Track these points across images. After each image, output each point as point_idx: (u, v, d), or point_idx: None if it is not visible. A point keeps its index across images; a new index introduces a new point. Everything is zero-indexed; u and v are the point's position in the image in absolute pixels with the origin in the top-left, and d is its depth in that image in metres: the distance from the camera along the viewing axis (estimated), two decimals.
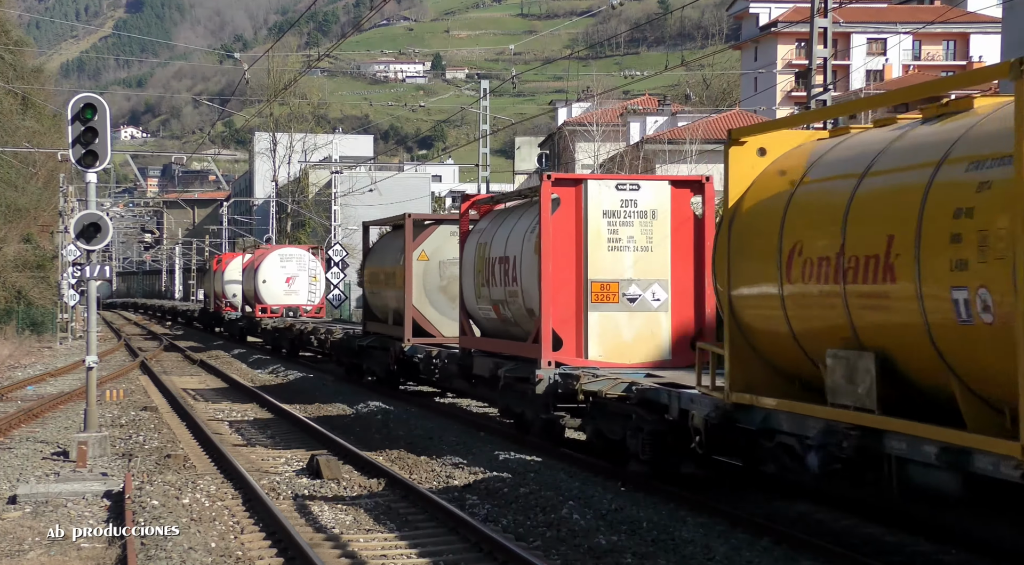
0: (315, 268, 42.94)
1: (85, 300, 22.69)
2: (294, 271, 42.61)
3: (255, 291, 42.76)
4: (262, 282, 42.26)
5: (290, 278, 42.52)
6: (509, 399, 17.84)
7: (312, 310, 42.44)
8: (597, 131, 53.43)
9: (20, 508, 13.15)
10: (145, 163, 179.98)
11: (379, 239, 29.90)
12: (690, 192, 16.39)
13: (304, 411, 22.53)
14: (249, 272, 44.87)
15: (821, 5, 22.74)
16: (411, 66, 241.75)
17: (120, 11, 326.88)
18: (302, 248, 45.26)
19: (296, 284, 42.57)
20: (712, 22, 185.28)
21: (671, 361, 15.78)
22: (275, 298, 42.23)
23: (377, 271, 27.27)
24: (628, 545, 10.69)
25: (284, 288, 42.38)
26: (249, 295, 44.74)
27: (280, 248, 45.26)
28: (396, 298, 24.65)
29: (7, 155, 51.30)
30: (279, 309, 41.87)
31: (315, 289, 42.79)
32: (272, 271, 42.50)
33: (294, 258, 43.08)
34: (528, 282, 16.39)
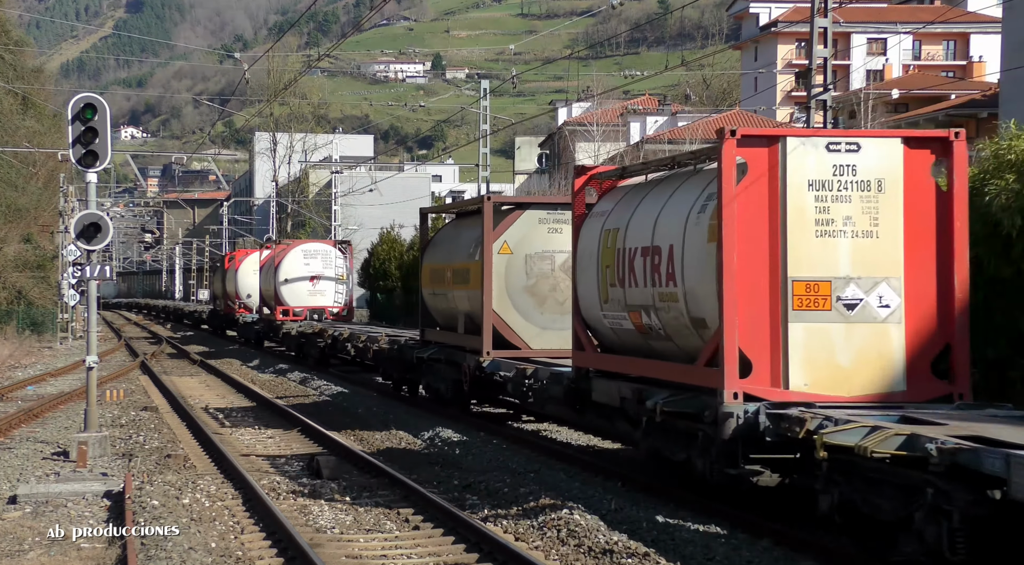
0: (342, 265, 38.65)
1: (85, 300, 22.69)
2: (319, 269, 38.30)
3: (275, 291, 38.68)
4: (283, 281, 38.16)
5: (315, 277, 38.28)
6: (662, 441, 13.21)
7: (339, 312, 38.40)
8: (597, 131, 53.43)
9: (20, 508, 13.15)
10: (145, 163, 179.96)
11: (442, 229, 25.12)
12: (930, 154, 12.05)
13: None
14: (268, 270, 40.77)
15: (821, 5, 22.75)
16: (411, 66, 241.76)
17: (120, 11, 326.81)
18: (327, 243, 40.25)
19: (321, 283, 38.39)
20: (712, 22, 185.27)
21: (905, 393, 11.55)
22: (298, 299, 38.26)
23: (442, 268, 22.12)
24: (628, 545, 10.69)
25: (308, 288, 38.25)
26: (268, 296, 40.61)
27: (303, 243, 40.17)
28: (469, 300, 20.36)
29: (7, 155, 51.29)
30: (302, 311, 37.80)
31: (342, 289, 38.59)
32: (295, 269, 38.32)
33: (319, 254, 38.59)
34: (695, 281, 12.26)
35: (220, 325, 55.53)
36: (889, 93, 65.25)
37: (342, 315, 38.21)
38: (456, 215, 24.13)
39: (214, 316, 57.32)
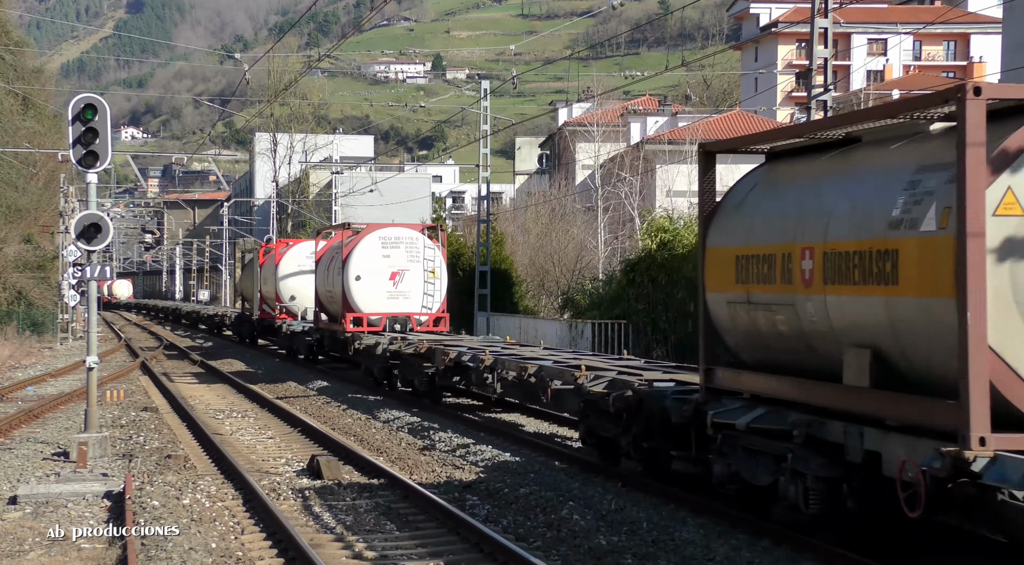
0: (433, 257, 28.74)
1: (86, 301, 22.70)
2: (402, 262, 28.48)
3: (344, 293, 28.59)
4: (355, 279, 28.24)
5: (397, 273, 28.41)
6: None
7: (428, 322, 28.55)
8: (597, 131, 53.39)
9: (20, 508, 13.15)
10: (146, 163, 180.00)
11: (744, 181, 12.57)
12: None
13: None
14: (330, 265, 30.94)
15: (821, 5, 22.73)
16: (411, 66, 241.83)
17: (120, 11, 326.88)
18: (412, 227, 29.68)
19: (406, 282, 28.52)
20: (712, 22, 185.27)
21: None
22: (374, 303, 28.30)
23: (776, 252, 10.80)
24: (628, 545, 10.69)
25: (388, 289, 28.38)
26: (330, 298, 30.89)
27: (381, 228, 29.35)
28: (884, 315, 9.22)
29: (8, 156, 51.30)
30: (380, 320, 28.15)
31: (434, 290, 28.62)
32: (370, 262, 28.33)
33: (402, 242, 28.69)
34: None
35: (250, 334, 47.41)
36: (889, 93, 65.24)
37: (432, 325, 28.47)
38: (794, 151, 11.71)
39: (242, 322, 48.87)
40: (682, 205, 40.47)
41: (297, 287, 38.90)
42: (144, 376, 32.41)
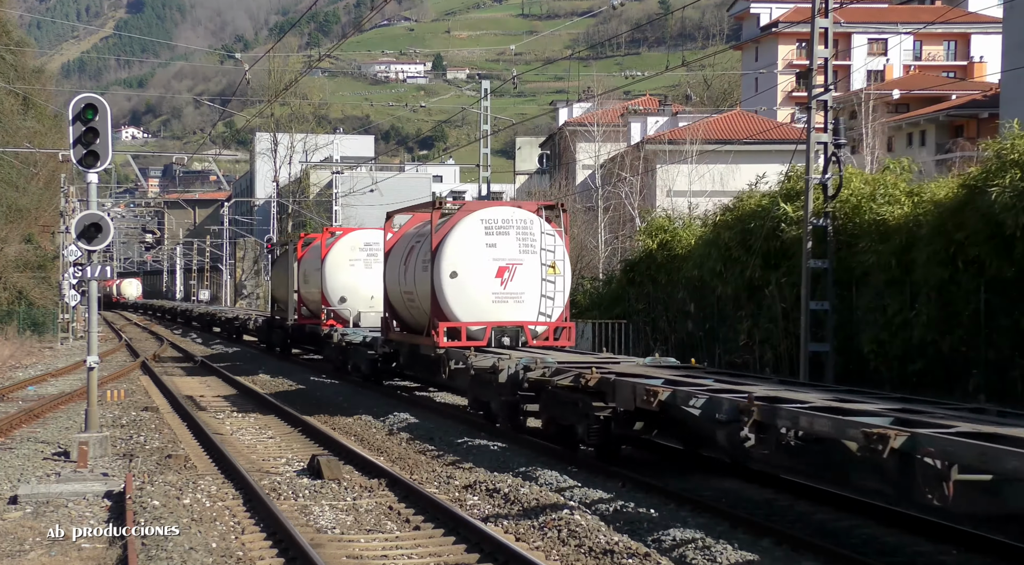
0: (554, 246, 20.98)
1: (86, 300, 22.71)
2: (513, 253, 20.86)
3: (435, 295, 20.90)
4: (449, 277, 20.73)
5: (506, 267, 20.82)
6: None
7: (547, 335, 21.08)
8: (598, 131, 53.38)
9: (21, 508, 13.15)
10: (146, 163, 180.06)
11: None
12: None
13: None
14: (408, 258, 23.06)
15: (822, 5, 22.72)
16: (412, 66, 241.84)
17: (121, 11, 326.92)
18: (523, 207, 21.89)
19: (519, 280, 20.86)
20: (713, 22, 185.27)
21: None
22: (475, 308, 20.75)
23: None
24: (629, 545, 10.69)
25: (494, 289, 20.80)
26: (408, 302, 23.13)
27: (483, 208, 21.83)
28: None
29: (8, 155, 51.31)
30: (483, 331, 20.67)
31: (554, 290, 20.99)
32: (469, 253, 20.84)
33: (512, 227, 20.98)
34: None
35: (281, 342, 40.38)
36: (890, 93, 65.26)
37: (552, 338, 21.10)
38: None
39: (272, 328, 41.89)
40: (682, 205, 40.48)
41: (349, 286, 31.39)
42: (144, 376, 32.41)
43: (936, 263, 16.85)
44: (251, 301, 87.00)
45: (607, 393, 14.81)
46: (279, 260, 42.58)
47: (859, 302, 19.30)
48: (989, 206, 15.18)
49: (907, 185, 19.55)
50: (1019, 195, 14.84)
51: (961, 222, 16.19)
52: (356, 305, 31.53)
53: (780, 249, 21.41)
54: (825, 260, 19.64)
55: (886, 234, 18.49)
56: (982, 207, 15.42)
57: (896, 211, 18.53)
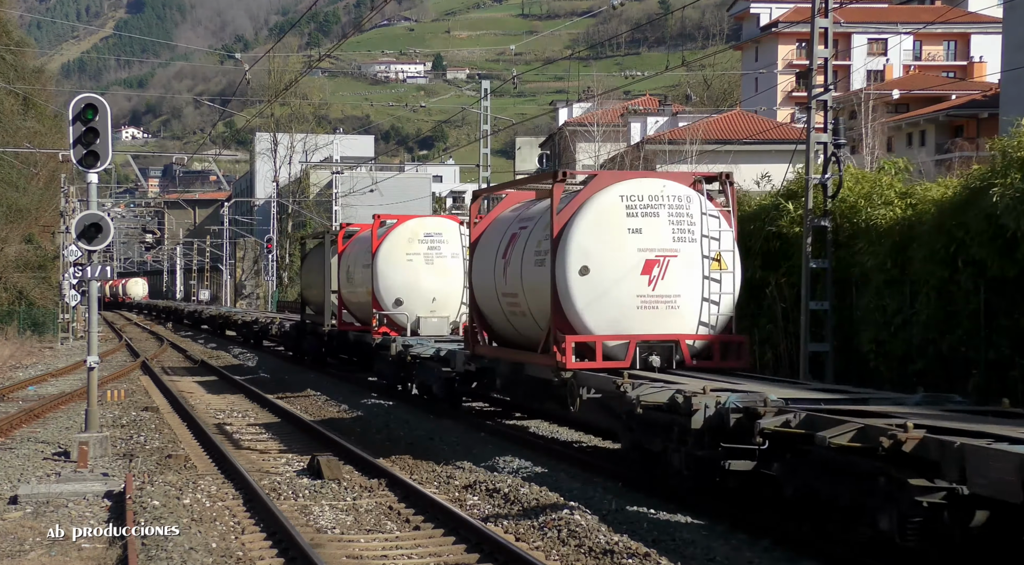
0: (718, 231, 15.77)
1: (86, 300, 22.74)
2: (664, 240, 15.54)
3: (559, 299, 15.53)
4: (577, 274, 15.30)
5: (655, 261, 15.42)
6: None
7: (711, 352, 15.71)
8: (598, 131, 53.39)
9: (21, 508, 13.16)
10: (146, 163, 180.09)
11: None
12: None
13: None
14: (509, 249, 17.59)
15: (822, 5, 22.71)
16: (412, 66, 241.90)
17: (121, 11, 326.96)
18: (677, 179, 16.37)
19: (672, 277, 15.48)
20: (713, 22, 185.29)
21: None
22: (614, 317, 15.38)
23: None
24: (629, 546, 10.69)
25: (640, 290, 15.41)
26: (509, 308, 17.70)
27: (621, 180, 15.99)
28: None
29: (8, 156, 51.32)
30: (624, 347, 15.32)
31: (719, 291, 15.72)
32: (606, 242, 15.46)
33: (663, 205, 15.61)
34: None
35: (314, 351, 34.80)
36: (890, 93, 65.25)
37: (719, 358, 15.78)
38: None
39: (302, 335, 35.99)
40: None
41: (406, 286, 25.70)
42: (144, 376, 32.41)
43: (935, 262, 16.84)
44: (251, 301, 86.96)
45: (944, 465, 9.12)
46: (311, 255, 36.23)
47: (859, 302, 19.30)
48: (991, 206, 15.17)
49: (903, 186, 19.53)
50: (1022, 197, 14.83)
51: (962, 222, 16.19)
52: (414, 309, 25.59)
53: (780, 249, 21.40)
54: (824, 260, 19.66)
55: (881, 235, 18.48)
56: (985, 207, 15.41)
57: (888, 214, 18.53)
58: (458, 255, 25.10)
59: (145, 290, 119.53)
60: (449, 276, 25.28)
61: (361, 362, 30.79)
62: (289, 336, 38.89)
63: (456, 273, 25.04)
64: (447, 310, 25.23)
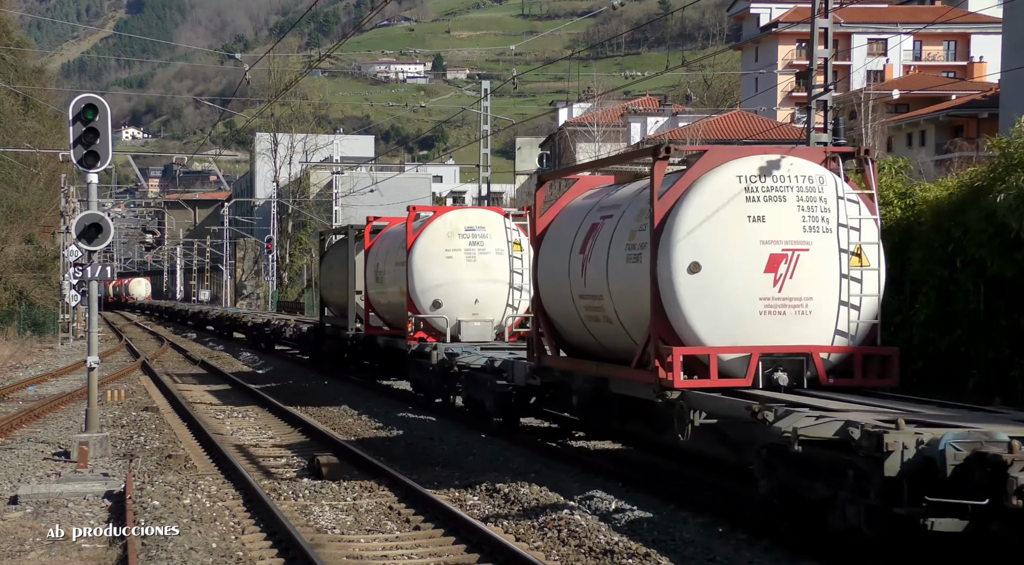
0: (859, 217, 12.76)
1: (86, 301, 22.74)
2: (793, 231, 12.53)
3: (662, 302, 12.55)
4: (687, 270, 12.39)
5: (782, 255, 12.40)
6: None
7: (852, 366, 12.63)
8: (598, 131, 53.41)
9: (21, 508, 13.16)
10: (146, 164, 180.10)
11: None
12: None
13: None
14: (590, 241, 14.59)
15: (822, 5, 22.76)
16: (412, 67, 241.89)
17: (121, 12, 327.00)
18: (805, 155, 13.13)
19: (803, 277, 12.45)
20: (713, 23, 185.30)
21: None
22: (732, 326, 12.36)
23: None
24: (629, 545, 10.70)
25: (764, 291, 12.39)
26: (575, 313, 15.20)
27: (736, 156, 12.88)
28: None
29: (8, 156, 51.33)
30: (745, 363, 12.33)
31: (860, 293, 12.64)
32: (722, 231, 12.44)
33: (790, 187, 12.60)
34: None
35: (335, 357, 31.65)
36: (890, 93, 65.27)
37: (860, 374, 12.70)
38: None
39: (321, 339, 33.11)
40: None
41: (446, 286, 23.12)
42: (144, 376, 32.40)
43: (935, 262, 16.85)
44: (251, 301, 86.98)
45: None
46: (331, 252, 33.15)
47: None
48: (992, 206, 15.18)
49: (902, 186, 19.53)
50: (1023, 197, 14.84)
51: (960, 221, 16.20)
52: (454, 312, 22.90)
53: None
54: None
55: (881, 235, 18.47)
56: (985, 207, 15.41)
57: (887, 214, 18.54)
58: (503, 251, 22.85)
59: (148, 290, 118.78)
60: (493, 275, 22.79)
61: (388, 370, 28.19)
62: (306, 340, 36.10)
63: (501, 271, 22.82)
64: (491, 313, 22.76)
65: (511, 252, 22.76)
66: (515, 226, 23.11)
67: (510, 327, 22.44)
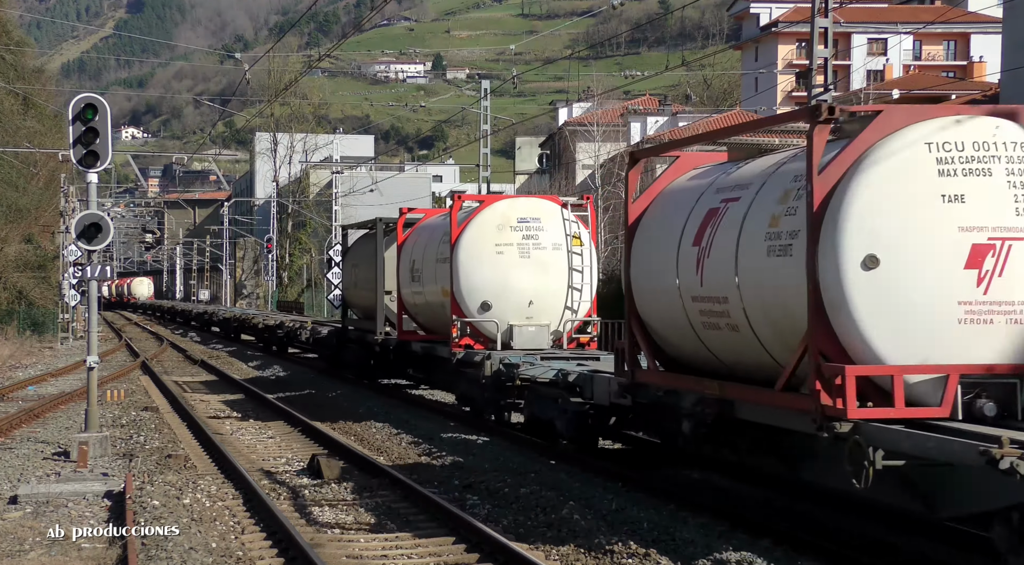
0: None
1: (86, 300, 22.73)
2: (1003, 215, 9.53)
3: (825, 307, 9.64)
4: (861, 266, 9.48)
5: (988, 246, 9.46)
6: None
7: None
8: (598, 131, 53.40)
9: (21, 508, 13.16)
10: (146, 163, 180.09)
11: None
12: None
13: None
14: (708, 230, 11.62)
15: (822, 5, 22.76)
16: (412, 66, 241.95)
17: (121, 11, 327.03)
18: (1013, 118, 9.85)
19: (1016, 274, 9.50)
20: (713, 22, 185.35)
21: None
22: (922, 338, 9.45)
23: None
24: (629, 545, 10.69)
25: (964, 293, 9.45)
26: (682, 319, 12.14)
27: (920, 115, 9.89)
28: None
29: (8, 155, 51.33)
30: (939, 386, 9.36)
31: None
32: (908, 214, 9.52)
33: (998, 154, 9.59)
34: None
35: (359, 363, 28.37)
36: (890, 93, 65.25)
37: None
38: None
39: (344, 344, 30.00)
40: None
41: (496, 286, 20.25)
42: (144, 376, 32.39)
43: None
44: (251, 301, 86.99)
45: None
46: (356, 249, 30.29)
47: None
48: None
49: None
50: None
51: None
52: (505, 315, 20.04)
53: None
54: None
55: None
56: None
57: None
58: (561, 246, 20.18)
59: (151, 290, 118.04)
60: (549, 273, 20.11)
61: (425, 379, 25.97)
62: (326, 345, 32.75)
63: (558, 269, 20.15)
64: (547, 316, 20.09)
65: (570, 247, 20.19)
66: (574, 217, 20.48)
67: (568, 333, 20.06)
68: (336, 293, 42.80)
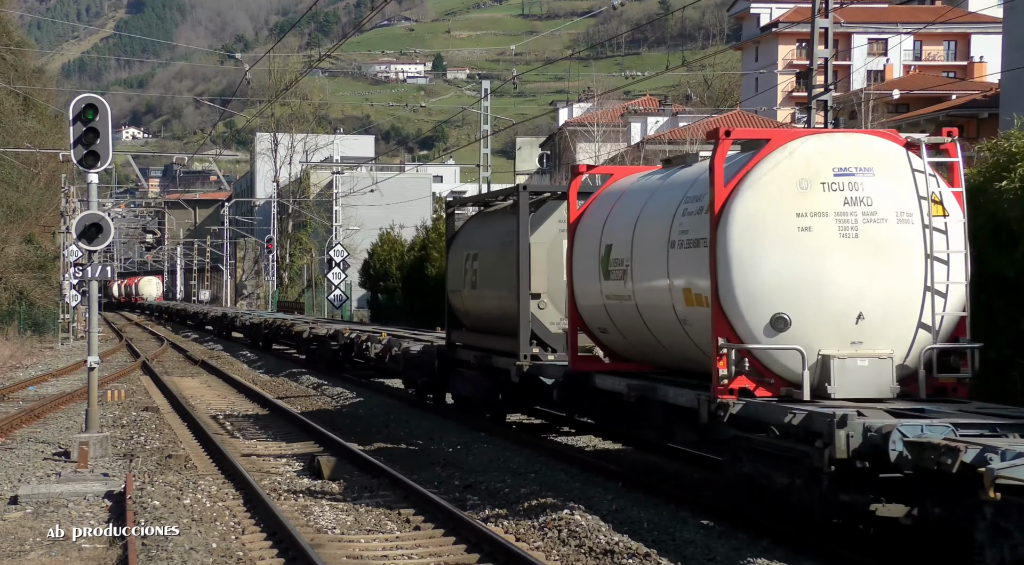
0: None
1: (87, 300, 22.74)
2: None
3: None
4: None
5: None
6: None
7: None
8: (598, 131, 53.40)
9: (21, 508, 13.17)
10: (146, 164, 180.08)
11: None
12: None
13: None
14: None
15: (822, 5, 22.76)
16: (412, 66, 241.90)
17: (121, 12, 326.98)
18: None
19: None
20: (713, 22, 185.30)
21: None
22: None
23: None
24: (629, 545, 10.70)
25: None
26: None
27: None
28: None
29: (9, 156, 51.34)
30: None
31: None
32: None
33: None
34: None
35: (483, 399, 19.93)
36: (890, 93, 65.27)
37: None
38: None
39: (448, 367, 21.76)
40: None
41: (798, 288, 11.36)
42: (145, 376, 32.40)
43: None
44: (251, 301, 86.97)
45: None
46: (474, 231, 21.56)
47: None
48: (993, 202, 15.14)
49: None
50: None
51: None
52: (815, 338, 11.30)
53: None
54: None
55: None
56: (986, 204, 15.39)
57: None
58: (911, 217, 11.49)
59: (160, 290, 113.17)
60: (891, 262, 11.39)
61: (631, 436, 17.38)
62: (419, 367, 23.47)
63: (912, 256, 11.46)
64: (887, 340, 11.41)
65: (927, 218, 11.56)
66: (930, 169, 11.72)
67: (924, 366, 11.47)
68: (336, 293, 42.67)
